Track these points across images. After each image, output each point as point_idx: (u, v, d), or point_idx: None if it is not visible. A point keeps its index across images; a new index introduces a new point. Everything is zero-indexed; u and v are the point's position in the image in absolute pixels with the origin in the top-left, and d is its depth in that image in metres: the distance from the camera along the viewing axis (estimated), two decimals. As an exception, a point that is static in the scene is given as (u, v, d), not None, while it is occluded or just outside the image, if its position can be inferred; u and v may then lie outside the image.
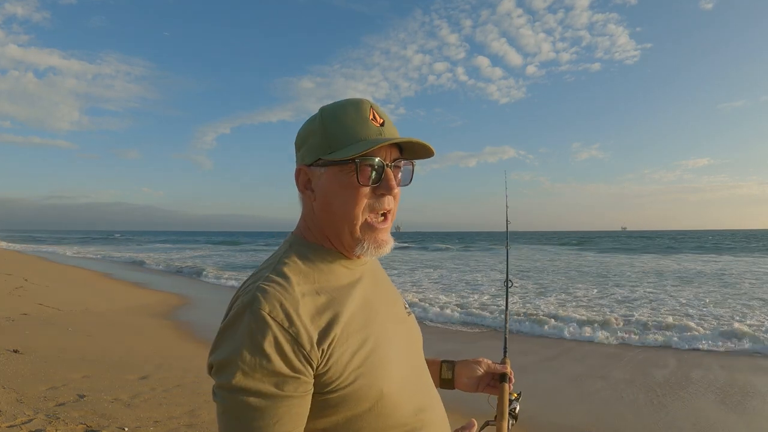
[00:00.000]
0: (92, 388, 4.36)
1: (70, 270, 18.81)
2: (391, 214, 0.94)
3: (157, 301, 10.90)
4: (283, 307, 0.80)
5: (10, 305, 8.64)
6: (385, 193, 0.91)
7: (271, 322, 0.78)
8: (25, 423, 3.44)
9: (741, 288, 13.24)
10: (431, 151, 0.97)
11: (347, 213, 0.90)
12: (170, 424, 3.69)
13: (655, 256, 30.88)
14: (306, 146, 0.93)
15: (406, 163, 0.96)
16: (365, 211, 0.90)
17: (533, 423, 4.12)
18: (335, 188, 0.90)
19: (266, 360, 0.77)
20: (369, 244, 0.91)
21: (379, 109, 0.93)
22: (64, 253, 31.71)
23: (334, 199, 0.90)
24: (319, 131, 0.91)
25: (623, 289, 13.15)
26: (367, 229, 0.91)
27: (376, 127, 0.90)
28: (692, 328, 7.53)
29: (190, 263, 22.98)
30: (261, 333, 0.78)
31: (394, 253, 10.00)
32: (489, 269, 20.86)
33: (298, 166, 0.95)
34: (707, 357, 6.40)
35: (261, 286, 0.83)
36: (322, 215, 0.93)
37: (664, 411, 4.46)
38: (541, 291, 13.01)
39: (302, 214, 0.99)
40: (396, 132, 0.95)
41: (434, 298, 11.24)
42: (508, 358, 1.38)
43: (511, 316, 7.81)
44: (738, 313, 9.17)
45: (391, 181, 0.90)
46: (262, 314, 0.79)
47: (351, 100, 0.94)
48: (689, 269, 19.74)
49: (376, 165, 0.89)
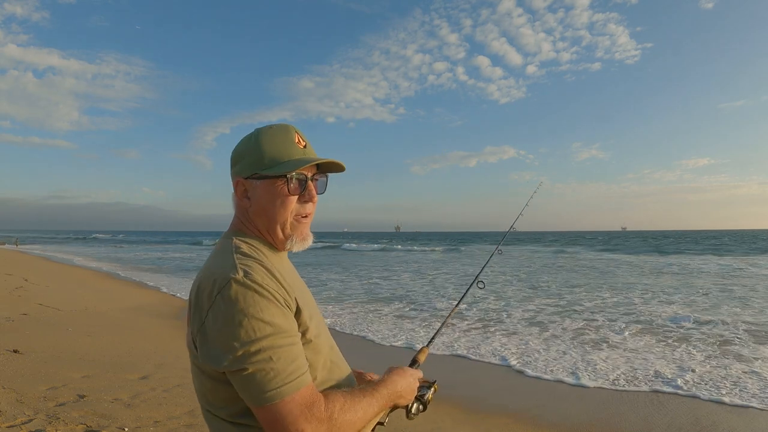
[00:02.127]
0: (92, 388, 4.36)
1: (70, 270, 18.81)
2: (311, 216, 1.22)
3: (157, 301, 10.90)
4: (260, 273, 1.03)
5: (10, 305, 8.64)
6: (308, 201, 1.19)
7: (258, 287, 1.00)
8: (25, 423, 3.44)
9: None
10: (342, 167, 1.24)
11: (279, 216, 1.16)
12: (170, 424, 3.69)
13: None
14: (243, 162, 1.17)
15: (321, 176, 1.23)
16: (292, 214, 1.17)
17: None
18: (269, 197, 1.15)
19: (273, 312, 0.99)
20: (296, 238, 1.19)
21: (302, 134, 1.20)
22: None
23: (267, 206, 1.15)
24: (254, 150, 1.15)
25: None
26: (295, 224, 1.18)
27: (300, 149, 1.18)
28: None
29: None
30: (257, 295, 0.99)
31: (353, 255, 9.90)
32: (447, 274, 19.65)
33: (236, 178, 1.18)
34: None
35: (235, 263, 1.04)
36: (256, 218, 1.18)
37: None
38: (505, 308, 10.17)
39: (237, 216, 1.22)
40: (314, 153, 1.21)
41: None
42: (429, 348, 1.57)
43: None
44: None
45: (313, 191, 1.19)
46: (247, 281, 1.00)
47: (281, 125, 1.20)
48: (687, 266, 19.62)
49: (301, 179, 1.16)
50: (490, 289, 12.98)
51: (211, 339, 0.98)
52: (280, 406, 0.95)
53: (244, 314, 0.96)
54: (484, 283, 1.99)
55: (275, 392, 0.95)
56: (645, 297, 11.82)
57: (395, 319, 9.13)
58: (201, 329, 1.00)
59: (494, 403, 4.69)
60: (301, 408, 0.96)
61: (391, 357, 6.38)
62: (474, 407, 4.54)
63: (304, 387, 0.99)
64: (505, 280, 15.92)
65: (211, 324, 0.98)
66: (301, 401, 0.97)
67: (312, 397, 0.99)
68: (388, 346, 7.06)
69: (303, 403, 0.97)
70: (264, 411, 0.96)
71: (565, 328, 8.20)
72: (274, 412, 0.96)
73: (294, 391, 0.97)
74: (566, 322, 8.70)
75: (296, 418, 0.95)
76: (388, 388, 1.17)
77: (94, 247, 45.31)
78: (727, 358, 6.14)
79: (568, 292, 12.82)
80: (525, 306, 10.45)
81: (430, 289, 13.80)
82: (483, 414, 4.40)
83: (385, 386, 1.17)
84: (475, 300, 10.82)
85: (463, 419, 4.25)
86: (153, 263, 25.00)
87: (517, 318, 9.10)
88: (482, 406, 4.61)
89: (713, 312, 9.52)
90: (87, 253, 33.31)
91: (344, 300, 11.64)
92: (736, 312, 9.49)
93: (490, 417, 4.32)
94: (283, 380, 0.96)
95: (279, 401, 0.95)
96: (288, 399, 0.96)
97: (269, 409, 0.96)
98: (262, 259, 1.10)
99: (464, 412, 4.42)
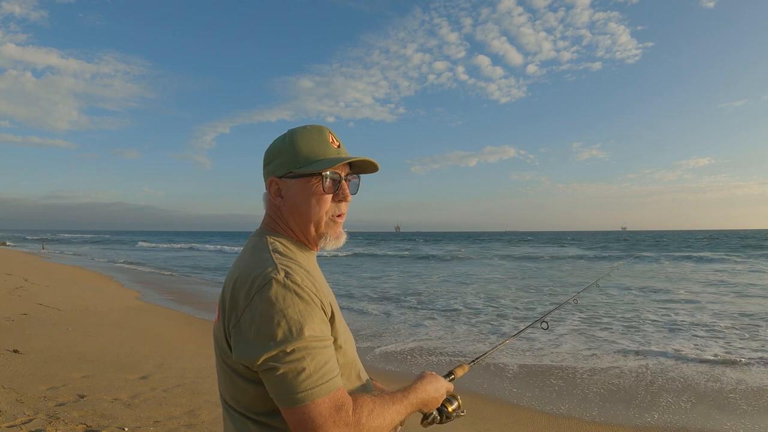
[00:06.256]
0: (92, 388, 4.37)
1: (70, 270, 18.81)
2: (344, 216, 1.22)
3: (156, 301, 10.90)
4: (301, 274, 1.03)
5: (10, 305, 8.65)
6: (342, 200, 1.19)
7: (298, 289, 1.00)
8: (25, 423, 3.44)
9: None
10: (377, 167, 1.24)
11: (314, 215, 1.16)
12: (170, 424, 3.69)
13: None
14: (277, 161, 1.17)
15: (354, 177, 1.23)
16: (327, 213, 1.17)
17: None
18: (304, 195, 1.15)
19: (312, 315, 0.99)
20: (330, 236, 1.19)
21: (335, 135, 1.21)
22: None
23: (302, 204, 1.16)
24: (289, 149, 1.16)
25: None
26: (330, 223, 1.18)
27: (335, 148, 1.18)
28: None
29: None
30: (297, 297, 0.99)
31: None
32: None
33: (270, 177, 1.18)
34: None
35: (275, 263, 1.04)
36: (290, 217, 1.18)
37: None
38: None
39: (268, 214, 1.22)
40: (347, 152, 1.21)
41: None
42: (470, 367, 1.54)
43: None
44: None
45: (347, 191, 1.19)
46: (288, 282, 1.00)
47: (314, 125, 1.21)
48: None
49: (336, 178, 1.16)
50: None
51: (246, 337, 0.98)
52: (311, 407, 0.95)
53: (282, 315, 0.96)
54: (548, 324, 1.98)
55: (306, 394, 0.95)
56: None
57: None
58: (236, 326, 1.00)
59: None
60: (330, 411, 0.96)
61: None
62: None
63: (335, 390, 0.98)
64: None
65: (248, 322, 0.98)
66: (330, 405, 0.96)
67: (341, 401, 0.98)
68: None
69: (332, 406, 0.97)
70: (293, 412, 0.96)
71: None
72: (304, 413, 0.95)
73: (324, 394, 0.96)
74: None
75: (325, 420, 0.95)
76: (418, 396, 1.15)
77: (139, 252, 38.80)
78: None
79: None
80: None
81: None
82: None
83: (415, 393, 1.15)
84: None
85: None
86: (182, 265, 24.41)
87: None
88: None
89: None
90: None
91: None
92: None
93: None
94: (314, 382, 0.96)
95: (309, 403, 0.95)
96: (319, 401, 0.96)
97: (299, 411, 0.96)
98: (297, 260, 1.10)
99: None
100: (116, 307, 9.75)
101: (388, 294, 12.89)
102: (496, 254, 35.23)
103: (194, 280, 16.80)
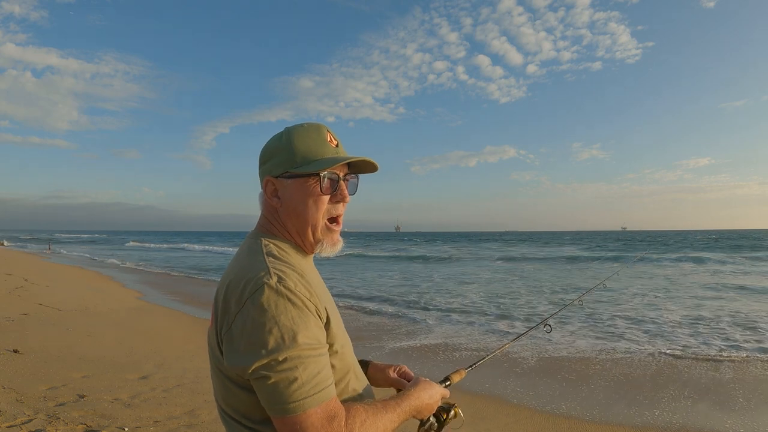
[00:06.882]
0: (92, 388, 4.36)
1: (70, 270, 18.81)
2: (342, 218, 1.19)
3: (156, 301, 10.90)
4: (294, 280, 1.00)
5: (10, 305, 8.64)
6: (340, 201, 1.16)
7: (291, 295, 0.97)
8: (25, 423, 3.44)
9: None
10: (376, 167, 1.21)
11: (311, 216, 1.13)
12: (170, 424, 3.69)
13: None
14: (273, 160, 1.14)
15: (353, 177, 1.20)
16: (324, 215, 1.14)
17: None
18: (301, 196, 1.12)
19: (305, 322, 0.97)
20: (327, 243, 1.16)
21: (333, 133, 1.17)
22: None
23: (299, 205, 1.12)
24: (286, 148, 1.12)
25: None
26: (326, 231, 1.15)
27: (333, 147, 1.14)
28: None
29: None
30: (289, 303, 0.96)
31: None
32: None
33: (266, 177, 1.15)
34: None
35: (269, 267, 1.01)
36: (286, 218, 1.15)
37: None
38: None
39: (264, 215, 1.19)
40: (345, 152, 1.18)
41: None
42: (467, 372, 1.50)
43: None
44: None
45: (345, 191, 1.16)
46: (280, 287, 0.97)
47: (312, 123, 1.17)
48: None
49: (334, 178, 1.13)
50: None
51: (237, 343, 0.96)
52: (302, 418, 0.93)
53: (274, 322, 0.94)
54: (551, 327, 1.96)
55: (297, 404, 0.93)
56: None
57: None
58: (228, 333, 0.98)
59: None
60: (322, 421, 0.94)
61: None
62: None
63: (327, 400, 0.96)
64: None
65: (240, 329, 0.95)
66: (322, 415, 0.95)
67: (334, 412, 0.96)
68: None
69: (324, 417, 0.95)
70: (284, 422, 0.94)
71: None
72: (295, 424, 0.93)
73: (316, 405, 0.94)
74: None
75: (316, 431, 0.93)
76: (411, 403, 1.13)
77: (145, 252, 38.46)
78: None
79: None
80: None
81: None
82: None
83: (409, 401, 1.13)
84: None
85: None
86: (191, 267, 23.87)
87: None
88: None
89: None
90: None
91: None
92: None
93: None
94: (306, 392, 0.94)
95: (301, 413, 0.93)
96: (310, 412, 0.94)
97: (290, 421, 0.94)
98: (292, 263, 1.07)
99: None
100: (116, 307, 9.75)
101: (389, 294, 12.89)
102: (496, 254, 35.22)
103: (194, 279, 16.78)
